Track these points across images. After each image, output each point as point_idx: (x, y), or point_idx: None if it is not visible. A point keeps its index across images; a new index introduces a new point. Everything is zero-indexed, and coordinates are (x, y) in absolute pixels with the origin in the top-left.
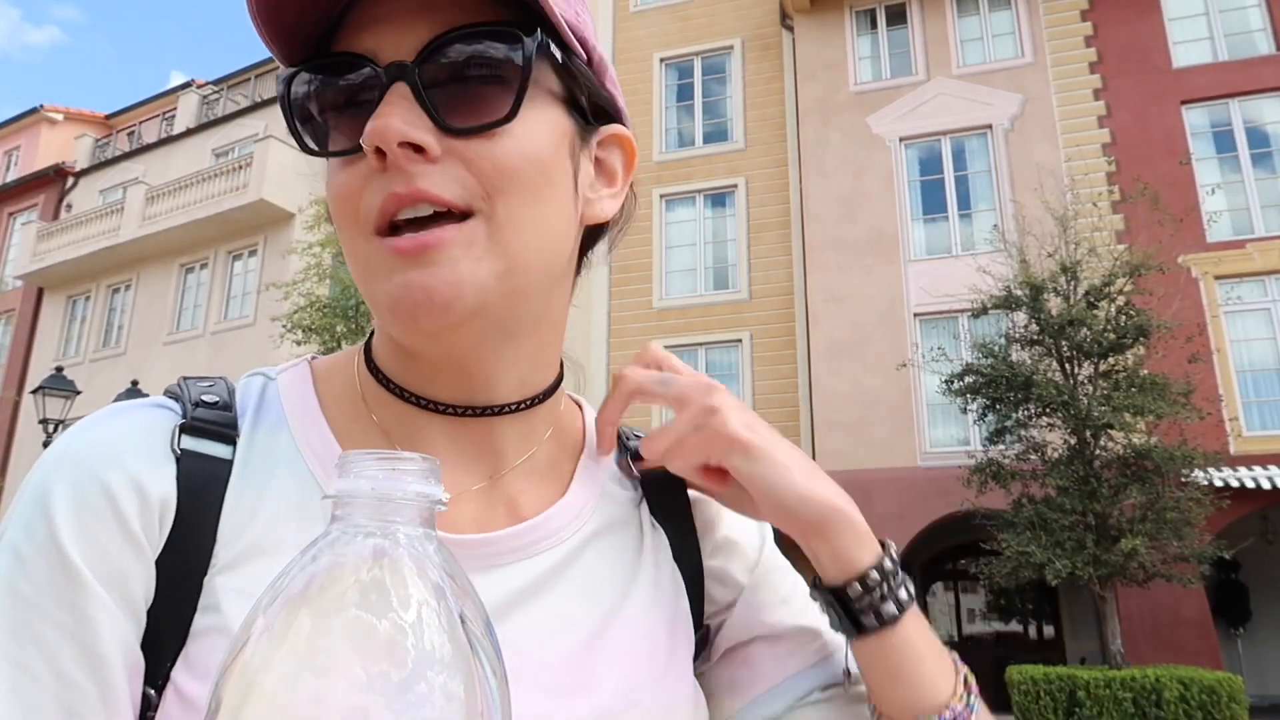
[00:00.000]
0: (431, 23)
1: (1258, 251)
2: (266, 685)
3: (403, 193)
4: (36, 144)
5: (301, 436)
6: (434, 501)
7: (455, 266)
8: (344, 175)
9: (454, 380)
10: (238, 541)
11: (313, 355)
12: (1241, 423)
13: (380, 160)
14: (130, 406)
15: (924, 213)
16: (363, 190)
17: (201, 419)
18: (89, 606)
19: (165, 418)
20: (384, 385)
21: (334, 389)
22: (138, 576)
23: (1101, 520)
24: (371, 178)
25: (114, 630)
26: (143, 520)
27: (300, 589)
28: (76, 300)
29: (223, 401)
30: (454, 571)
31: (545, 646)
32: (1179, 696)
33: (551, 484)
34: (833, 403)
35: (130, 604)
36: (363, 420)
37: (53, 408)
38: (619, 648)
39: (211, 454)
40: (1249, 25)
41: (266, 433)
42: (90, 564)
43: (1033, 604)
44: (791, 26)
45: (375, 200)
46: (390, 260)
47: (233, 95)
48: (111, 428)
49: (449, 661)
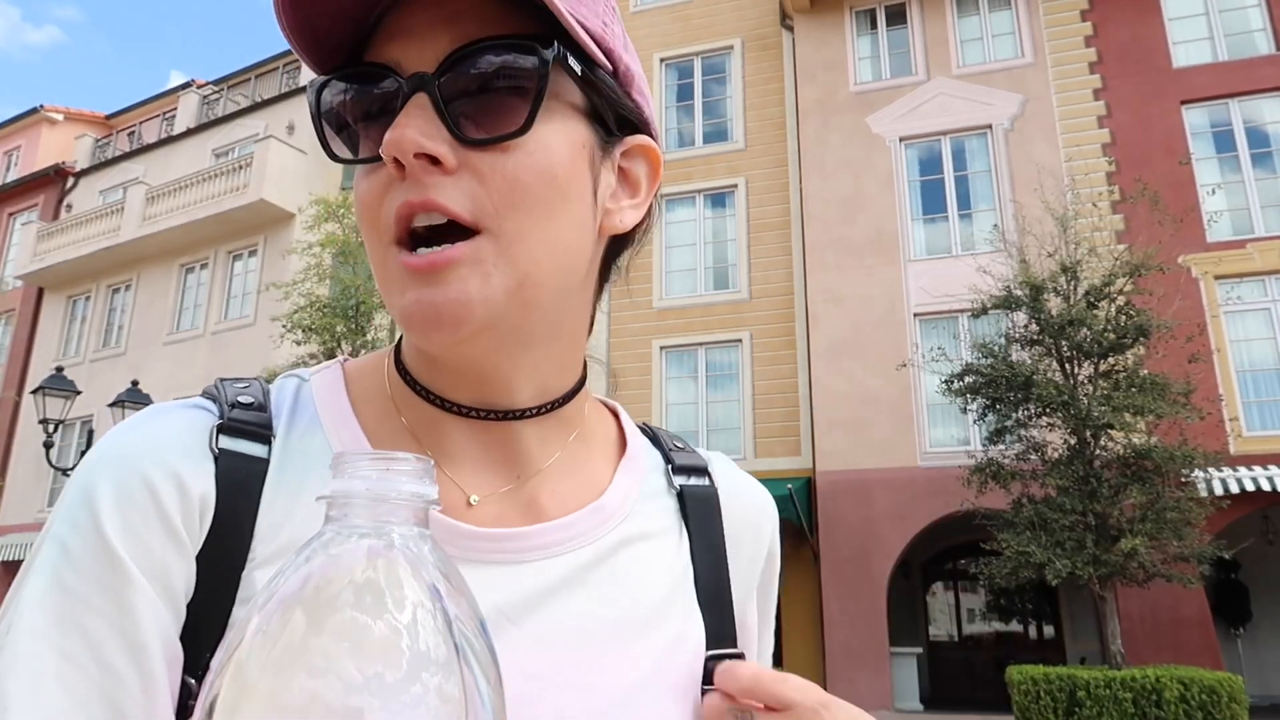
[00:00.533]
0: (454, 35)
1: (1258, 251)
2: (261, 685)
3: (415, 201)
4: (37, 144)
5: (335, 437)
6: (428, 501)
7: (464, 285)
8: (366, 183)
9: (473, 385)
10: (275, 538)
11: (345, 357)
12: (1241, 423)
13: (399, 170)
14: (170, 408)
15: (924, 213)
16: (383, 198)
17: (238, 419)
18: (133, 598)
19: (203, 418)
20: (411, 387)
21: (366, 391)
22: (179, 570)
23: (1101, 520)
24: (391, 185)
25: (155, 621)
26: (184, 516)
27: (295, 589)
28: (77, 300)
29: (258, 402)
30: (449, 572)
31: (568, 644)
32: (1179, 697)
33: (583, 486)
34: (833, 403)
35: (171, 597)
36: (392, 422)
37: (53, 408)
38: (628, 655)
39: (248, 453)
40: (1249, 25)
41: (301, 433)
42: (134, 557)
43: (1033, 604)
44: (791, 27)
45: (392, 208)
46: (404, 275)
47: (233, 95)
48: (152, 427)
49: (444, 662)
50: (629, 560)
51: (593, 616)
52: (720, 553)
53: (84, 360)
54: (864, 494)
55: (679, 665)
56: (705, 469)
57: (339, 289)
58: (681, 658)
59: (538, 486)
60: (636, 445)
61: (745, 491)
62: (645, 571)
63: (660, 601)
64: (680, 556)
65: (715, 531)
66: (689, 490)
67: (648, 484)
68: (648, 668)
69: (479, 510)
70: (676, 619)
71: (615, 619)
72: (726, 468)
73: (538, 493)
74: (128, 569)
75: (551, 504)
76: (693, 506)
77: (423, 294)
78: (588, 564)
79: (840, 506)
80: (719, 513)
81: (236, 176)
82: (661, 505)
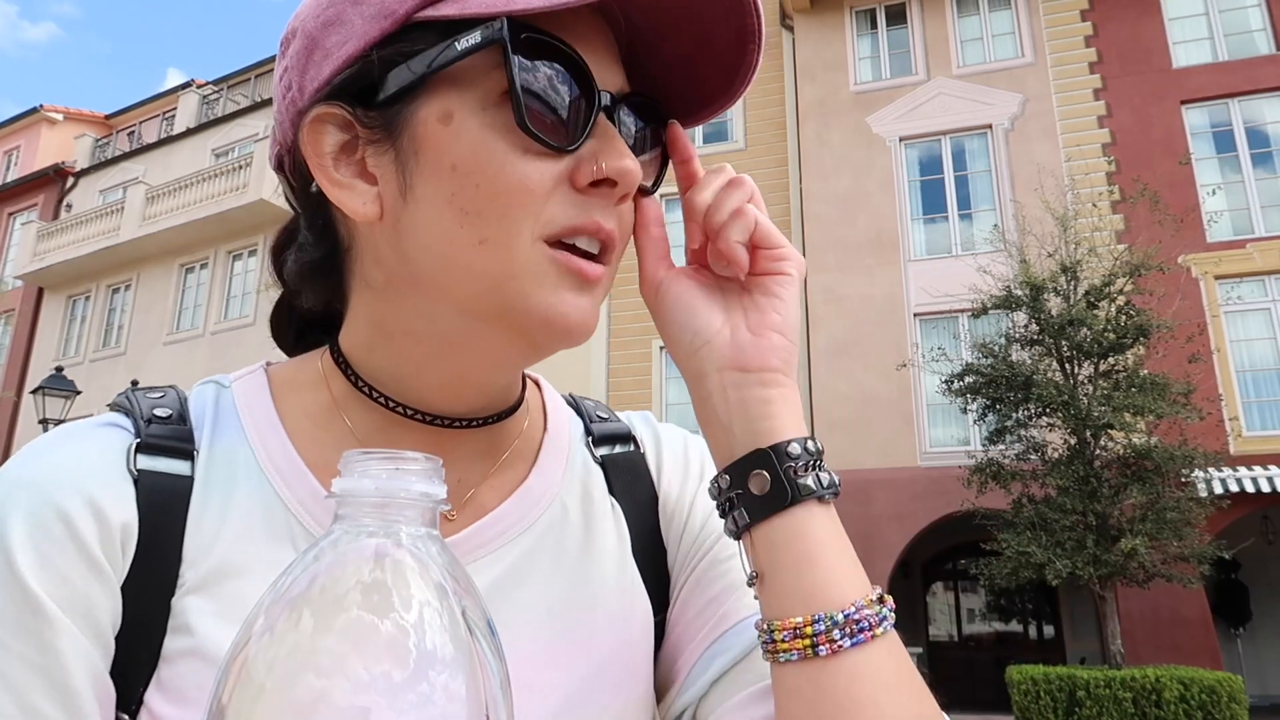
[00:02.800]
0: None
1: (1258, 251)
2: (268, 685)
3: (606, 227)
4: (36, 144)
5: (261, 449)
6: (436, 501)
7: (595, 301)
8: (532, 169)
9: (470, 395)
10: (205, 562)
11: (267, 361)
12: (1241, 423)
13: (591, 188)
14: (82, 428)
15: (924, 213)
16: (551, 195)
17: (157, 435)
18: (54, 638)
19: (119, 437)
20: (362, 390)
21: (300, 398)
22: (103, 604)
23: (1101, 520)
24: (563, 188)
25: (82, 660)
26: (104, 546)
27: (303, 589)
28: (76, 300)
29: (176, 414)
30: (456, 572)
31: (512, 636)
32: (1179, 696)
33: (515, 470)
34: (833, 403)
35: (97, 632)
36: (337, 428)
37: (53, 408)
38: (580, 643)
39: (170, 471)
40: (1249, 25)
41: (225, 446)
42: (53, 594)
43: (1033, 604)
44: (791, 26)
45: (569, 217)
46: (560, 275)
47: (233, 95)
48: (64, 452)
49: (451, 661)
50: (566, 542)
51: (540, 610)
52: (654, 519)
53: (84, 360)
54: (864, 494)
55: (631, 643)
56: (629, 434)
57: None
58: (633, 633)
59: (483, 482)
60: (559, 420)
61: (665, 439)
62: (583, 551)
63: (602, 579)
64: (616, 528)
65: (646, 495)
66: (612, 459)
67: (574, 459)
68: (602, 655)
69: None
70: (621, 594)
71: (561, 608)
72: (647, 427)
73: (481, 487)
74: (46, 608)
75: (488, 496)
76: (617, 475)
77: (579, 301)
78: (527, 553)
79: (840, 506)
80: (648, 475)
81: (236, 176)
82: (589, 478)
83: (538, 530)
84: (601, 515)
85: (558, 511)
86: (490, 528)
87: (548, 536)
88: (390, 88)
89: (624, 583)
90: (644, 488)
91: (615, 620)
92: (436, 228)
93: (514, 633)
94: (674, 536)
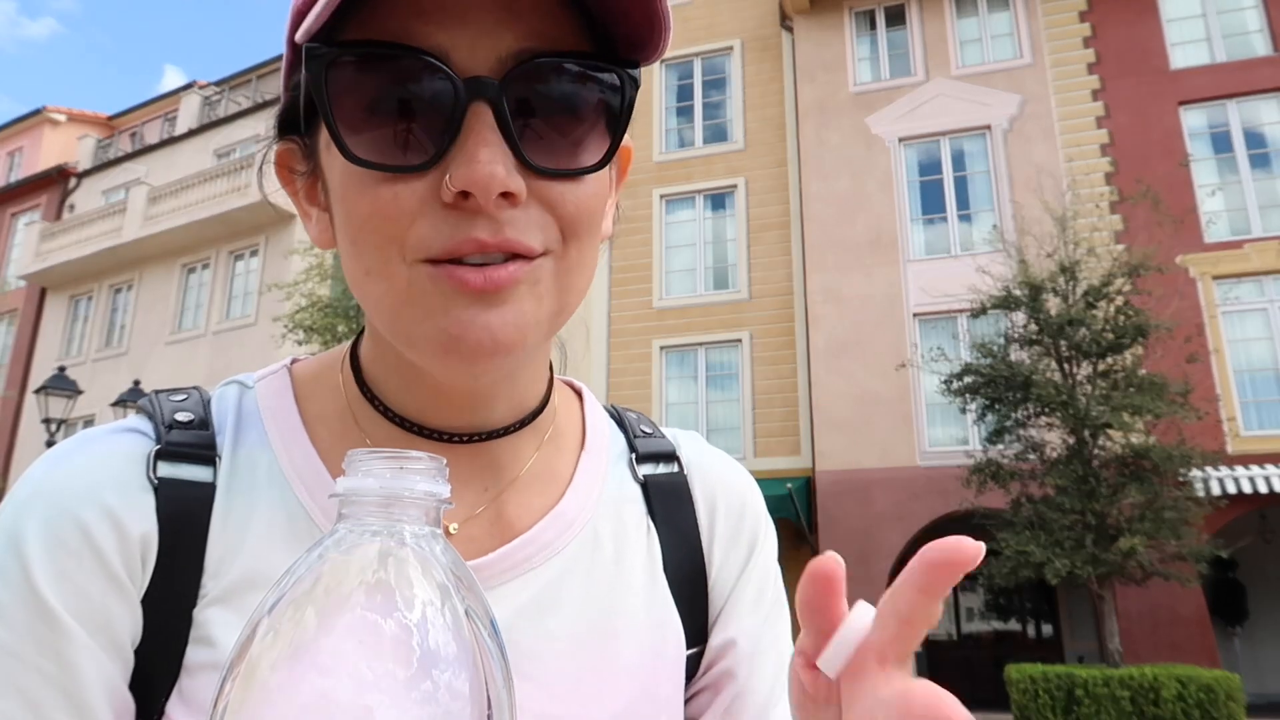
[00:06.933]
0: (518, 32)
1: (1255, 252)
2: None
3: (490, 241)
4: (39, 145)
5: (285, 457)
6: (441, 501)
7: (520, 306)
8: (389, 192)
9: (457, 411)
10: (227, 572)
11: (292, 359)
12: (1239, 422)
13: (460, 200)
14: (102, 434)
15: (923, 213)
16: (417, 217)
17: (177, 442)
18: (71, 652)
19: (138, 444)
20: (376, 408)
21: (322, 403)
22: (122, 617)
23: (1100, 519)
24: (431, 206)
25: (99, 675)
26: (123, 558)
27: (306, 588)
28: (79, 300)
29: (198, 418)
30: (460, 571)
31: (540, 668)
32: (1177, 695)
33: (547, 490)
34: (832, 403)
35: (116, 646)
36: (353, 439)
37: (55, 407)
38: (609, 678)
39: (192, 479)
40: (1247, 27)
41: (248, 452)
42: (70, 608)
43: (1031, 603)
44: (791, 27)
45: (443, 238)
46: (449, 294)
47: (234, 96)
48: (82, 460)
49: (454, 660)
50: (596, 570)
51: (569, 639)
52: (695, 543)
53: (86, 360)
54: (863, 494)
55: (661, 677)
56: (673, 454)
57: (340, 289)
58: (663, 668)
59: (506, 499)
60: (598, 437)
61: (717, 473)
62: (614, 579)
63: (633, 610)
64: (650, 553)
65: (687, 521)
66: (654, 480)
67: (611, 478)
68: (633, 690)
69: (455, 538)
70: (653, 624)
71: (591, 636)
72: (695, 448)
73: (505, 506)
74: (63, 622)
75: (518, 517)
76: (659, 498)
77: (477, 316)
78: (557, 578)
79: (840, 506)
80: (690, 500)
81: (238, 177)
82: (627, 499)
83: (568, 555)
84: (635, 541)
85: (589, 536)
86: (520, 550)
87: (578, 563)
88: (304, 117)
89: (655, 614)
90: (686, 514)
91: (645, 653)
92: (344, 259)
93: (543, 664)
94: (716, 596)
